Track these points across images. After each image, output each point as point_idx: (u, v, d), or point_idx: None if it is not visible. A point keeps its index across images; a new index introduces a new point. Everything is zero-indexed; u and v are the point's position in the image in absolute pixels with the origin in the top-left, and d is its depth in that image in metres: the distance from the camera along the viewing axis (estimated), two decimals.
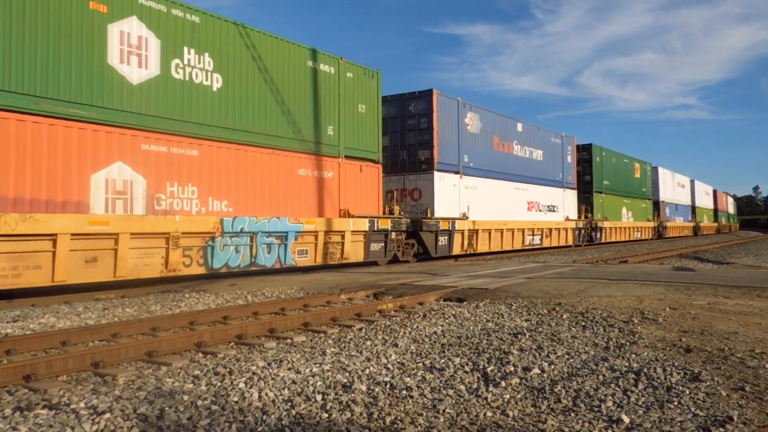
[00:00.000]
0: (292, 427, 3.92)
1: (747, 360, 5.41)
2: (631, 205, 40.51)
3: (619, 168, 38.78)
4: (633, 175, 41.72)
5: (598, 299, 9.19)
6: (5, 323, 8.07)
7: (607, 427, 3.87)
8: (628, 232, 39.56)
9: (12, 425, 3.92)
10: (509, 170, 25.39)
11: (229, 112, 13.54)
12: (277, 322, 7.41)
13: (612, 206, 36.95)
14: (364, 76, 17.68)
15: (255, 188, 14.08)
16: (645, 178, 44.15)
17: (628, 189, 40.05)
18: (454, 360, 5.65)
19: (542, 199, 28.02)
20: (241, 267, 13.43)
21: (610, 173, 37.07)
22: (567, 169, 31.00)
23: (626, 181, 40.00)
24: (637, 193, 42.02)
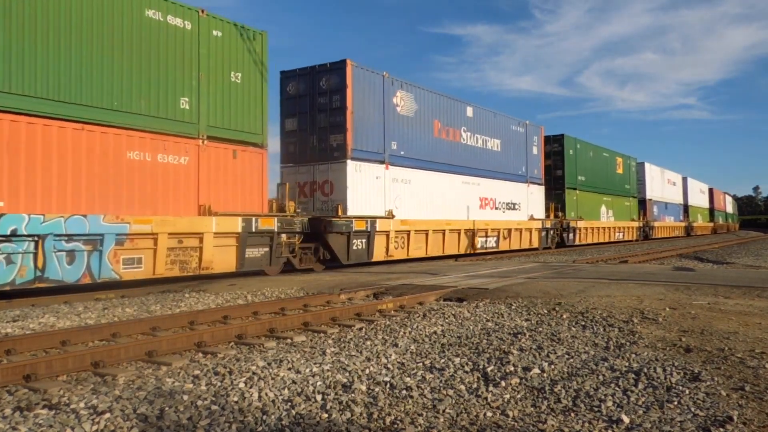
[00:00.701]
0: (292, 427, 3.92)
1: (747, 360, 5.41)
2: (611, 203, 37.01)
3: (597, 162, 35.15)
4: (614, 171, 38.04)
5: (598, 299, 9.19)
6: (5, 323, 8.07)
7: (607, 427, 3.87)
8: (607, 233, 35.92)
9: (12, 425, 3.92)
10: (456, 161, 21.55)
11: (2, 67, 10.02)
12: (277, 322, 7.41)
13: (588, 204, 33.41)
14: (240, 38, 13.98)
15: (47, 176, 10.47)
16: (629, 174, 40.60)
17: (608, 186, 36.54)
18: (454, 360, 5.65)
19: (500, 195, 24.45)
20: (17, 284, 9.84)
21: (587, 168, 33.45)
22: (532, 162, 27.26)
23: (606, 176, 36.39)
24: (619, 191, 38.59)
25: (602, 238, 35.19)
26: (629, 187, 40.29)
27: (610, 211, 36.59)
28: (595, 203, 34.47)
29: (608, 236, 36.05)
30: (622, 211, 38.80)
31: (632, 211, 40.88)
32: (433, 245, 20.14)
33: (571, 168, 31.55)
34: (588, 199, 33.49)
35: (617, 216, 37.80)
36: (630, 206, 40.46)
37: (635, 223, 40.65)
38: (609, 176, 37.01)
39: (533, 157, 27.47)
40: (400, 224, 18.27)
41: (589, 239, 33.32)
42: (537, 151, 27.82)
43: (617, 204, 38.05)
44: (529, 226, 26.46)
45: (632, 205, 40.93)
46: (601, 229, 35.13)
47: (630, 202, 40.51)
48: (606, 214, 36.04)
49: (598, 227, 34.50)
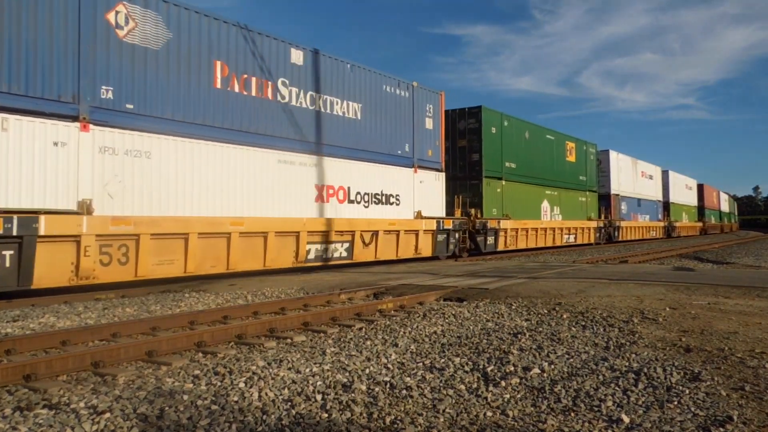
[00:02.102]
0: (292, 427, 3.92)
1: (747, 360, 5.41)
2: (558, 198, 29.46)
3: (535, 146, 27.50)
4: (562, 158, 30.42)
5: (598, 299, 9.19)
6: (5, 323, 8.07)
7: (607, 426, 3.87)
8: (549, 235, 28.53)
9: (12, 425, 3.92)
10: (265, 128, 14.35)
11: None
12: (277, 322, 7.41)
13: (522, 199, 26.10)
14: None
15: None
16: (585, 163, 33.03)
17: (553, 176, 29.04)
18: (454, 360, 5.65)
19: (360, 183, 16.97)
20: None
21: (519, 152, 26.02)
22: (424, 139, 19.75)
23: (550, 165, 28.97)
24: (570, 183, 30.99)
25: (542, 242, 27.88)
26: (585, 179, 32.86)
27: (555, 208, 29.23)
28: (532, 198, 27.02)
29: (552, 239, 28.82)
30: (574, 208, 31.43)
31: (590, 208, 33.46)
32: (202, 256, 12.61)
33: (493, 151, 23.94)
34: (521, 192, 26.00)
35: (567, 214, 30.51)
36: (587, 202, 33.08)
37: (593, 223, 33.21)
38: (555, 165, 29.45)
39: (426, 134, 19.88)
40: (108, 224, 10.87)
41: (521, 244, 25.86)
42: (433, 125, 20.25)
43: (568, 199, 30.71)
44: (414, 227, 18.70)
45: (590, 201, 33.51)
46: (540, 230, 27.53)
47: (587, 197, 33.09)
48: (549, 212, 28.63)
49: (534, 228, 26.88)
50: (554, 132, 29.86)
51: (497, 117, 24.67)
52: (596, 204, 34.68)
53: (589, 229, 33.09)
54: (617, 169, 38.58)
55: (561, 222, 29.82)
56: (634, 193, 41.39)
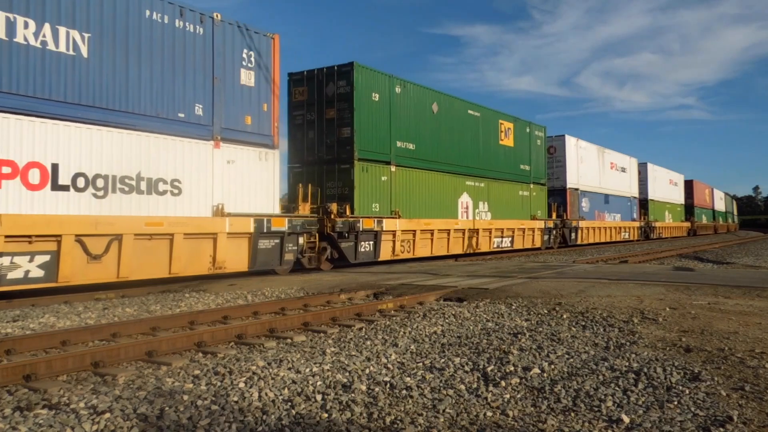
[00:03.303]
0: (292, 427, 3.92)
1: (747, 360, 5.41)
2: (486, 191, 23.25)
3: (449, 123, 21.17)
4: (493, 141, 24.03)
5: (598, 299, 9.19)
6: (5, 323, 8.07)
7: (607, 426, 3.87)
8: (471, 237, 22.03)
9: (12, 425, 3.92)
10: None
11: None
12: (277, 322, 7.41)
13: (426, 192, 19.92)
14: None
15: None
16: (530, 149, 26.85)
17: (478, 163, 22.82)
18: (454, 360, 5.65)
19: (90, 158, 11.02)
20: None
21: (422, 130, 19.75)
22: (236, 100, 13.75)
23: (473, 148, 22.63)
24: (504, 173, 24.72)
25: (458, 247, 21.40)
26: (529, 168, 26.74)
27: (482, 204, 22.95)
28: (444, 191, 20.86)
29: (473, 243, 22.22)
30: (511, 204, 25.16)
31: (536, 204, 27.22)
32: None
33: (373, 126, 17.70)
34: (425, 182, 19.94)
35: (500, 212, 24.18)
36: (531, 197, 26.75)
37: (538, 223, 26.83)
38: (481, 149, 23.20)
39: (241, 92, 13.77)
40: None
41: (422, 250, 19.49)
42: (256, 80, 14.09)
43: (501, 193, 24.39)
44: (208, 228, 12.80)
45: (536, 196, 27.32)
46: (455, 232, 21.13)
47: (531, 191, 26.82)
48: (471, 209, 22.26)
49: (444, 230, 20.53)
50: (480, 107, 23.21)
51: (382, 80, 18.26)
52: (545, 200, 28.26)
53: (532, 230, 26.41)
54: (576, 158, 31.67)
55: (489, 222, 23.16)
56: (599, 188, 34.76)
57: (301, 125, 18.11)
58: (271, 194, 14.50)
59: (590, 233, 32.98)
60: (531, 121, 27.22)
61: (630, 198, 40.24)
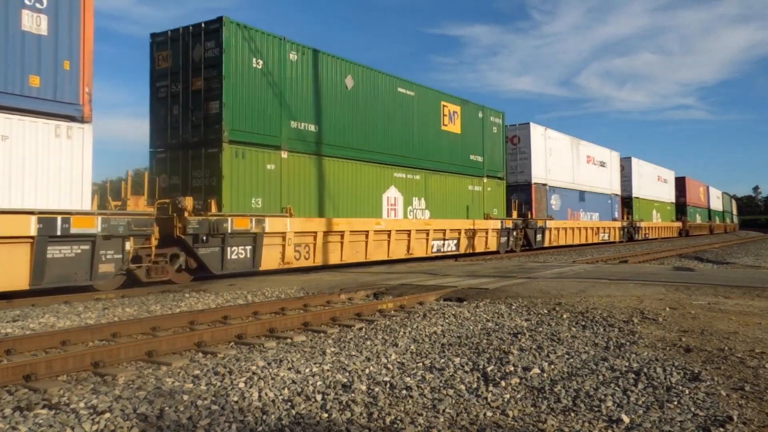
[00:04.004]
0: (292, 426, 3.92)
1: (747, 360, 5.41)
2: (422, 185, 19.58)
3: (370, 103, 17.57)
4: (433, 126, 20.29)
5: (598, 299, 9.19)
6: (5, 323, 8.07)
7: (607, 426, 3.87)
8: (399, 241, 18.28)
9: (12, 425, 3.92)
10: None
11: None
12: (277, 322, 7.41)
13: (337, 185, 16.27)
14: None
15: None
16: (483, 137, 22.91)
17: (411, 152, 19.16)
18: (454, 360, 5.65)
19: None
20: None
21: (330, 109, 16.14)
22: (10, 51, 9.72)
23: (405, 134, 18.96)
24: (448, 164, 20.94)
25: (380, 253, 17.50)
26: (482, 159, 22.87)
27: (417, 201, 19.32)
28: (363, 184, 17.16)
29: (403, 248, 18.50)
30: (458, 200, 21.40)
31: (492, 201, 23.40)
32: None
33: (253, 100, 14.11)
34: (334, 172, 16.14)
35: (442, 210, 20.45)
36: (484, 193, 22.93)
37: (493, 223, 23.00)
38: (416, 135, 19.47)
39: (23, 42, 9.97)
40: None
41: (324, 257, 15.60)
42: (49, 26, 10.30)
43: (444, 188, 20.74)
44: None
45: (492, 191, 23.54)
46: (377, 234, 17.25)
47: (484, 186, 22.98)
48: (402, 206, 18.56)
49: (360, 231, 16.73)
50: (416, 85, 19.55)
51: (268, 44, 14.55)
52: (503, 196, 24.39)
53: (485, 231, 22.60)
54: (544, 149, 28.16)
55: (426, 222, 19.48)
56: (573, 184, 31.09)
57: (165, 99, 14.36)
58: (78, 184, 10.55)
59: (561, 234, 29.28)
60: (485, 105, 23.41)
61: (611, 195, 36.59)
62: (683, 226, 52.50)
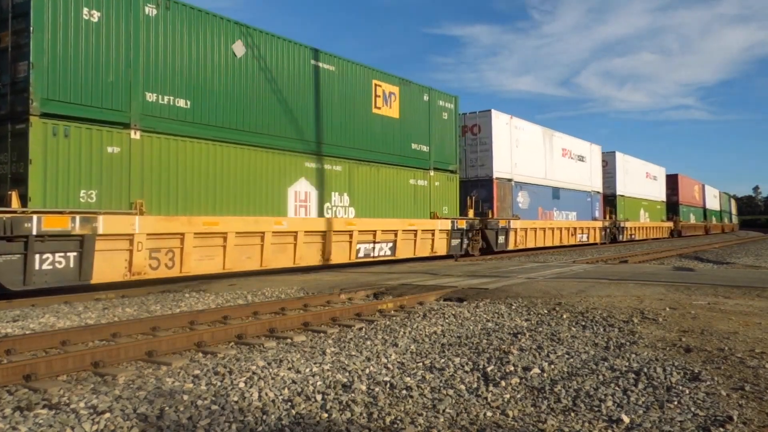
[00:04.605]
0: (292, 426, 3.92)
1: (747, 360, 5.41)
2: (346, 178, 16.40)
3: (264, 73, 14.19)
4: (362, 108, 17.00)
5: (598, 299, 9.19)
6: (5, 323, 8.07)
7: (607, 426, 3.87)
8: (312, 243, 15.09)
9: (12, 425, 3.92)
10: None
11: None
12: (277, 322, 7.41)
13: (219, 176, 13.01)
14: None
15: None
16: (429, 123, 19.56)
17: (331, 137, 15.88)
18: (454, 360, 5.65)
19: None
20: None
21: (205, 78, 12.82)
22: None
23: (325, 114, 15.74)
24: (380, 153, 17.54)
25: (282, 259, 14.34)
26: (427, 149, 19.47)
27: (339, 197, 16.08)
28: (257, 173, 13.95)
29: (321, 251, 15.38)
30: (396, 196, 18.09)
31: (441, 198, 20.09)
32: None
33: (83, 62, 10.75)
34: (216, 160, 13.04)
35: (373, 207, 17.23)
36: (430, 189, 19.54)
37: (441, 223, 19.59)
38: (335, 117, 16.09)
39: None
40: None
41: (196, 265, 12.35)
42: None
43: (376, 181, 17.39)
44: None
45: (439, 186, 20.02)
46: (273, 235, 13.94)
47: (431, 180, 19.58)
48: (316, 203, 15.46)
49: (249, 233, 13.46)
50: (339, 59, 16.22)
51: None
52: (456, 193, 20.96)
53: (431, 232, 19.25)
54: (509, 140, 24.64)
55: (349, 221, 16.19)
56: (545, 180, 28.00)
57: None
58: None
59: (529, 236, 25.96)
60: (433, 87, 20.05)
61: (590, 193, 33.11)
62: (675, 226, 49.23)
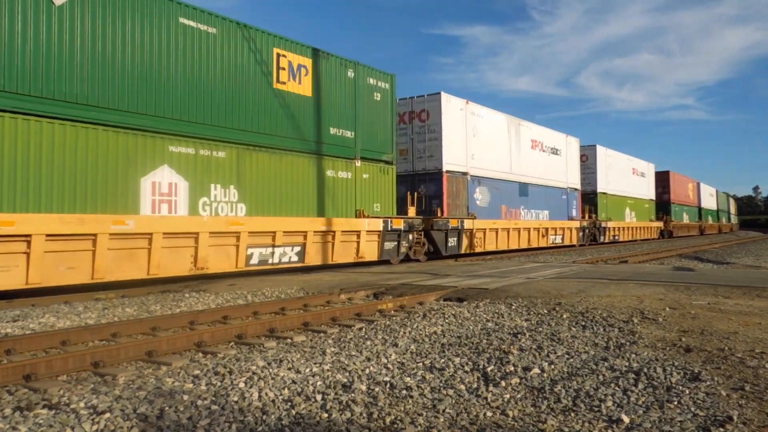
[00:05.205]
0: (292, 427, 3.92)
1: (747, 360, 5.41)
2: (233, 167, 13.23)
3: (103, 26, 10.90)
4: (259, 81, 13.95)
5: (598, 299, 9.19)
6: (5, 323, 8.07)
7: (607, 426, 3.87)
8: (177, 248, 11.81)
9: (12, 425, 3.92)
10: None
11: None
12: (277, 322, 7.41)
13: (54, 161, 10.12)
14: None
15: None
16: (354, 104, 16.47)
17: (210, 115, 12.83)
18: (454, 360, 5.65)
19: None
20: None
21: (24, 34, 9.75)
22: None
23: (188, 87, 12.43)
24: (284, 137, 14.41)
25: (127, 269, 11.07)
26: (352, 136, 16.42)
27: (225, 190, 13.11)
28: (104, 157, 10.95)
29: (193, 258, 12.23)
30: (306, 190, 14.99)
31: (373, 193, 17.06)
32: None
33: None
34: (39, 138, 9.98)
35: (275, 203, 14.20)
36: (356, 182, 16.48)
37: (369, 223, 16.50)
38: (218, 90, 13.10)
39: None
40: None
41: None
42: None
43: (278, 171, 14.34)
44: None
45: (369, 179, 16.94)
46: (112, 239, 10.69)
47: (357, 172, 16.50)
48: (186, 197, 12.35)
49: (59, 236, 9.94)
50: (221, 19, 13.15)
51: None
52: (392, 187, 17.75)
53: (356, 234, 16.16)
54: (464, 128, 21.54)
55: (235, 220, 13.05)
56: (511, 174, 24.94)
57: None
58: None
59: (488, 237, 22.74)
60: (360, 62, 16.74)
61: (566, 190, 29.98)
62: (665, 226, 46.34)
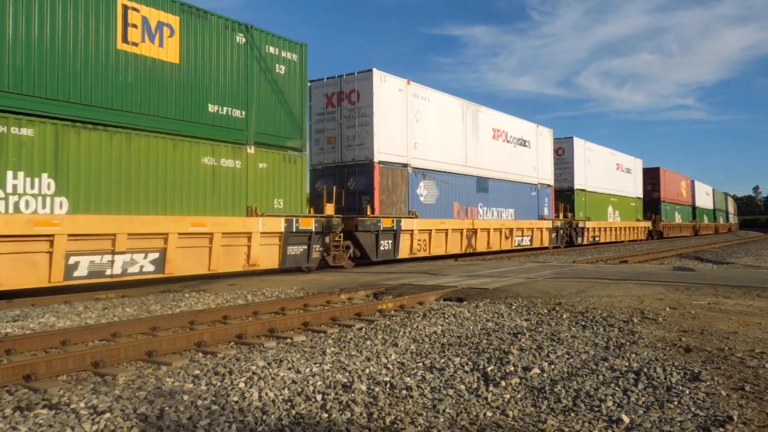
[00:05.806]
0: (292, 427, 3.92)
1: (747, 360, 5.41)
2: (48, 149, 9.94)
3: None
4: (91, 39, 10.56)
5: (598, 299, 9.19)
6: (5, 323, 8.07)
7: (607, 426, 3.87)
8: None
9: (12, 425, 3.92)
10: None
11: None
12: (277, 322, 7.41)
13: None
14: None
15: None
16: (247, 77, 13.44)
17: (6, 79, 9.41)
18: (454, 360, 5.65)
19: None
20: None
21: None
22: None
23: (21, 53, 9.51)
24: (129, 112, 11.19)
25: None
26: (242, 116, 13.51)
27: (33, 182, 9.79)
28: None
29: None
30: (184, 183, 12.14)
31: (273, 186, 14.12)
32: None
33: None
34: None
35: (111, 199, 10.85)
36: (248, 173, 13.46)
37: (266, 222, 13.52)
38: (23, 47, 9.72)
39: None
40: None
41: None
42: None
43: (124, 156, 11.10)
44: None
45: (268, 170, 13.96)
46: None
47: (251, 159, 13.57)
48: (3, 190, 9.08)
49: None
50: None
51: None
52: (300, 180, 14.88)
53: (246, 236, 13.31)
54: (404, 113, 18.61)
55: (45, 219, 9.84)
56: (467, 167, 21.80)
57: None
58: None
59: (435, 239, 19.64)
60: (256, 26, 13.81)
61: (536, 186, 26.85)
62: (654, 226, 42.83)
